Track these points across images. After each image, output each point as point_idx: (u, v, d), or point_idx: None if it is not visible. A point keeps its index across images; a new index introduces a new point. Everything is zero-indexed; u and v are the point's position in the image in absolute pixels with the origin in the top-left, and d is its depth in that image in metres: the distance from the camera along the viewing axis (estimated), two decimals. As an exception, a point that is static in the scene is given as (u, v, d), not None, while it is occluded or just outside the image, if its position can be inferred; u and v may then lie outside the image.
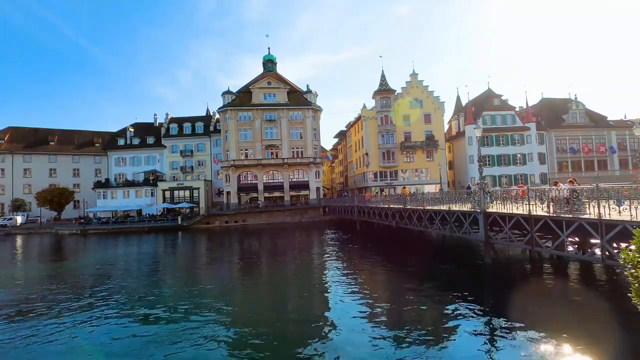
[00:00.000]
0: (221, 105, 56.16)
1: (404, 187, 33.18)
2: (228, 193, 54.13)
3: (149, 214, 52.28)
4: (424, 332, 9.74)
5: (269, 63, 60.50)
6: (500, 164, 54.63)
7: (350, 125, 65.88)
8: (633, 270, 6.58)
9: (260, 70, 61.42)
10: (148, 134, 62.40)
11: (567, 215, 12.51)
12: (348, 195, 51.79)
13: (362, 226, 35.44)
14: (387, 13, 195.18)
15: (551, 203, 13.56)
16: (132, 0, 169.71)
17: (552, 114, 58.11)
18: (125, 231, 45.78)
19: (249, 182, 54.71)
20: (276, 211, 51.45)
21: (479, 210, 16.80)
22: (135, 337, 10.16)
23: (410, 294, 13.91)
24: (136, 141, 61.76)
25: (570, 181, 14.49)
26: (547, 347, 8.35)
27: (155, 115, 66.26)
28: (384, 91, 54.80)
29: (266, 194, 54.41)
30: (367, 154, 54.62)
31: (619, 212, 10.87)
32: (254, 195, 54.45)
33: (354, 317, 11.21)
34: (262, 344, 9.47)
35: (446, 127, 60.95)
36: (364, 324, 10.55)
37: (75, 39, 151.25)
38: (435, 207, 21.01)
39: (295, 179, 55.55)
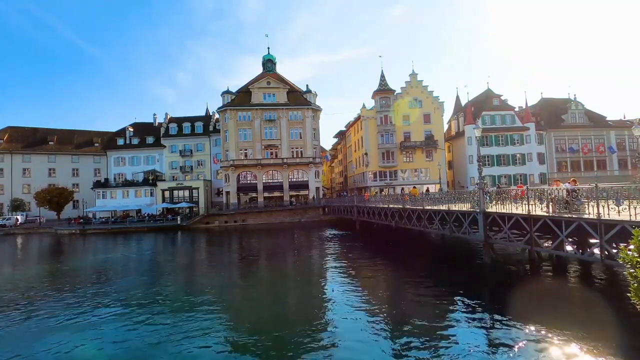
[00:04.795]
0: (220, 105, 56.15)
1: (414, 187, 32.91)
2: (227, 193, 54.10)
3: (148, 214, 52.24)
4: (423, 331, 9.74)
5: (269, 63, 60.47)
6: (499, 164, 54.67)
7: (349, 125, 65.88)
8: (632, 270, 6.60)
9: (258, 70, 61.43)
10: (147, 134, 62.31)
11: (566, 215, 12.52)
12: (347, 195, 51.78)
13: (361, 226, 35.44)
14: (384, 13, 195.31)
15: (551, 203, 13.57)
16: (130, 1, 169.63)
17: (552, 114, 58.14)
18: (125, 231, 45.71)
19: (249, 182, 54.68)
20: (276, 211, 51.41)
21: (478, 210, 16.81)
22: (134, 337, 10.16)
23: (409, 294, 13.92)
24: (135, 141, 61.67)
25: (572, 180, 14.53)
26: (546, 347, 8.36)
27: (154, 115, 66.15)
28: (383, 91, 54.79)
29: (266, 194, 54.38)
30: (366, 153, 54.62)
31: (618, 212, 10.86)
32: (254, 195, 54.42)
33: (354, 316, 11.21)
34: (262, 343, 9.47)
35: (446, 127, 60.98)
36: (363, 323, 10.55)
37: (73, 39, 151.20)
38: (435, 207, 21.00)
39: (294, 179, 55.53)
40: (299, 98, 57.34)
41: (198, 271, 21.06)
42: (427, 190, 29.41)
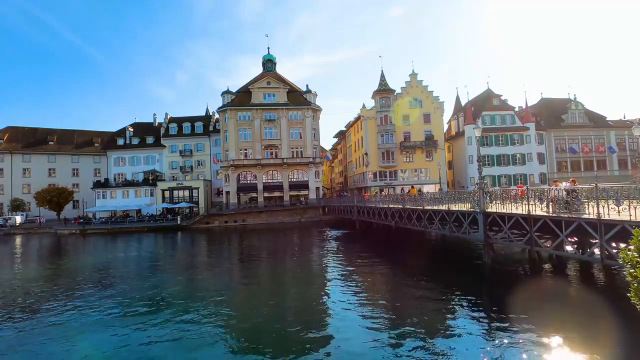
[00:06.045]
0: (220, 105, 56.18)
1: (413, 187, 32.87)
2: (227, 193, 54.10)
3: (148, 214, 52.25)
4: (423, 331, 9.74)
5: (269, 63, 60.46)
6: (499, 164, 54.67)
7: (349, 125, 65.88)
8: (632, 270, 6.59)
9: (258, 70, 61.43)
10: (147, 134, 62.31)
11: (566, 215, 12.52)
12: (347, 195, 51.77)
13: (361, 226, 35.45)
14: (383, 14, 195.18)
15: (550, 203, 13.57)
16: (129, 1, 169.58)
17: (552, 114, 58.15)
18: (125, 231, 45.71)
19: (249, 182, 54.70)
20: (276, 211, 51.42)
21: (478, 210, 16.81)
22: (134, 337, 10.16)
23: (409, 294, 13.92)
24: (135, 141, 61.67)
25: (572, 180, 14.54)
26: (546, 347, 8.36)
27: (154, 115, 66.10)
28: (383, 91, 54.76)
29: (266, 194, 54.40)
30: (366, 153, 54.61)
31: (618, 212, 10.86)
32: (254, 195, 54.43)
33: (354, 316, 11.22)
34: (262, 344, 9.46)
35: (445, 127, 60.95)
36: (363, 323, 10.55)
37: (73, 39, 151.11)
38: (435, 207, 21.00)
39: (294, 179, 55.55)
40: (298, 98, 57.34)
41: (199, 271, 21.03)
42: (420, 190, 29.49)
